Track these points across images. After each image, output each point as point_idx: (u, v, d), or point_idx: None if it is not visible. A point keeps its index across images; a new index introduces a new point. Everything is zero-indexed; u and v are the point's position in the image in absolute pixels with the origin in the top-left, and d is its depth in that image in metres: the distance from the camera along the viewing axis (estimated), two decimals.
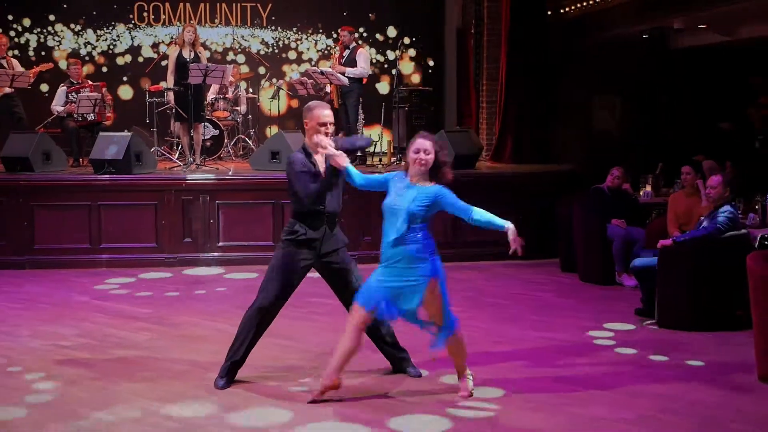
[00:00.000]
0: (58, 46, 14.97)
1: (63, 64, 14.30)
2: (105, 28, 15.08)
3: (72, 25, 14.99)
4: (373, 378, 5.97)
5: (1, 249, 10.10)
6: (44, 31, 14.93)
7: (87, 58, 14.89)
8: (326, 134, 5.73)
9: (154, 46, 15.20)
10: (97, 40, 15.06)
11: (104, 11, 15.02)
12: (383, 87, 15.31)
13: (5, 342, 6.99)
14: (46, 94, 13.69)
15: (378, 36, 15.43)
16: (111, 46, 15.10)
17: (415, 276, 5.27)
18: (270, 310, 5.75)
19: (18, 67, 12.24)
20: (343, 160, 5.57)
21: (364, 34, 15.21)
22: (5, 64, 12.06)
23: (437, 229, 10.26)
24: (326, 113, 5.75)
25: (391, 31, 15.41)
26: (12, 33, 14.62)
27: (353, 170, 5.61)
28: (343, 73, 11.70)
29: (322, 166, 5.77)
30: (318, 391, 5.45)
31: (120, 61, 15.13)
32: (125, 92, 14.96)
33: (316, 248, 5.74)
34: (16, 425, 5.15)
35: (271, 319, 5.78)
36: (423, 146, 5.36)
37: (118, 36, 15.11)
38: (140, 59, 15.15)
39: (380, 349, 6.03)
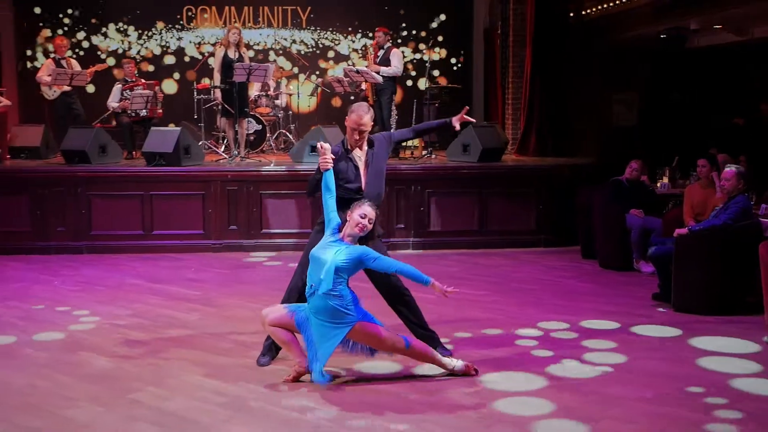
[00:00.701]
0: (107, 46, 15.08)
1: (109, 62, 14.49)
2: (153, 30, 15.16)
3: (121, 26, 15.08)
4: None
5: (61, 235, 10.22)
6: (92, 30, 15.03)
7: (138, 58, 14.98)
8: (356, 140, 5.76)
9: (200, 46, 15.27)
10: (148, 41, 15.14)
11: (153, 14, 15.10)
12: (417, 84, 15.28)
13: (64, 321, 7.08)
14: (95, 93, 13.79)
15: (410, 36, 15.39)
16: (159, 47, 15.18)
17: (338, 326, 5.28)
18: (302, 291, 5.70)
19: (76, 67, 12.35)
20: (325, 165, 5.54)
21: (403, 33, 15.19)
22: (65, 64, 12.18)
23: (465, 218, 10.36)
24: (363, 120, 5.74)
25: (422, 33, 15.38)
26: (59, 31, 14.75)
27: (330, 181, 5.54)
28: (377, 72, 11.68)
29: (360, 161, 5.78)
30: (292, 377, 5.47)
31: (168, 60, 15.21)
32: (174, 90, 15.04)
33: None
34: (76, 398, 5.22)
35: (304, 300, 5.75)
36: (370, 215, 5.37)
37: (166, 37, 15.19)
38: (187, 59, 15.23)
39: (409, 329, 6.02)
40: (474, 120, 6.28)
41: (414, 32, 15.44)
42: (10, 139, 11.92)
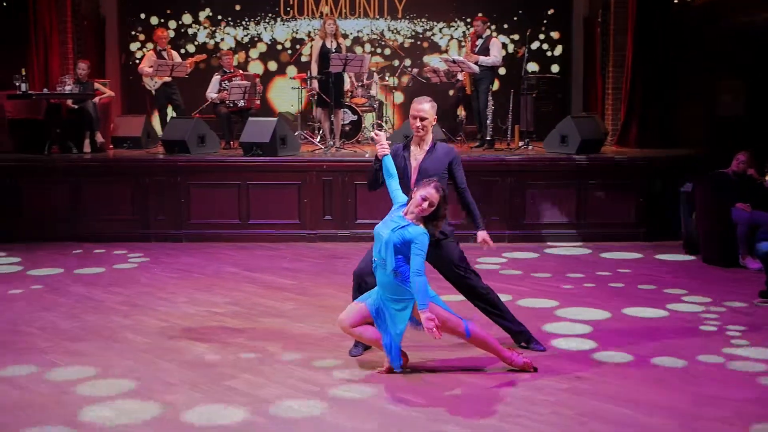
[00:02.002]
0: (206, 37, 15.38)
1: (189, 49, 14.77)
2: (252, 20, 15.38)
3: (220, 17, 15.34)
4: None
5: (161, 223, 10.51)
6: (186, 23, 15.34)
7: (237, 48, 15.23)
8: (417, 128, 5.76)
9: (297, 35, 15.42)
10: (245, 32, 15.38)
11: (252, 5, 15.32)
12: (511, 74, 15.10)
13: (164, 307, 7.29)
14: (192, 84, 14.09)
15: (508, 24, 15.23)
16: (258, 38, 15.40)
17: (401, 307, 5.31)
18: (364, 279, 5.79)
19: (177, 58, 12.67)
20: (383, 151, 5.60)
21: (501, 21, 15.05)
22: (165, 55, 12.50)
23: (563, 210, 10.23)
24: (420, 106, 5.77)
25: (520, 20, 15.18)
26: (141, 14, 15.13)
27: (390, 166, 5.61)
28: (476, 62, 11.60)
29: (413, 159, 5.81)
30: (385, 368, 5.50)
31: (266, 51, 15.41)
32: (272, 81, 15.24)
33: None
34: (173, 383, 5.37)
35: (367, 288, 5.75)
36: (432, 198, 5.29)
37: (264, 28, 15.40)
38: (281, 48, 15.39)
39: (495, 323, 5.97)
40: (492, 246, 6.05)
41: (512, 21, 15.25)
42: (113, 130, 12.35)
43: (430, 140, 5.87)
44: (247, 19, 15.36)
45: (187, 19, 15.24)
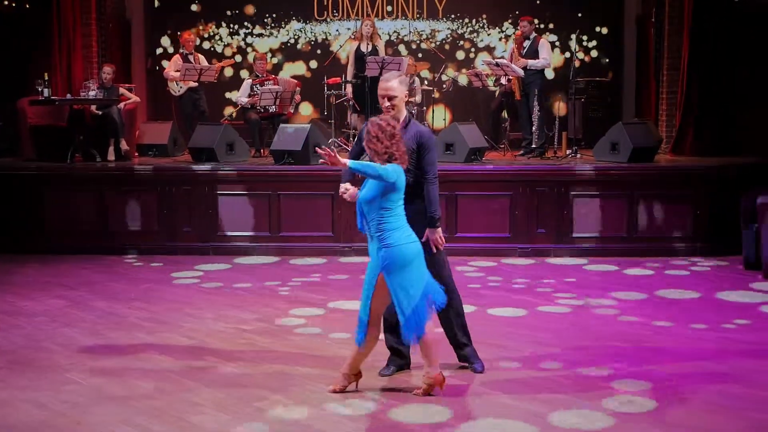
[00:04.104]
0: (228, 40, 15.50)
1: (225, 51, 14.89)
2: (284, 23, 15.45)
3: (253, 19, 15.44)
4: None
5: (188, 235, 10.58)
6: (225, 25, 15.50)
7: (270, 53, 15.33)
8: (385, 108, 5.74)
9: (333, 39, 15.46)
10: (276, 35, 15.47)
11: (284, 6, 15.39)
12: (559, 77, 15.05)
13: (190, 324, 7.35)
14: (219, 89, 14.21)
15: (555, 24, 15.17)
16: (291, 41, 15.47)
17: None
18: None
19: (204, 62, 12.80)
20: (352, 200, 5.78)
21: (546, 21, 15.01)
22: (192, 59, 12.64)
23: (613, 223, 10.14)
24: (387, 85, 5.72)
25: (568, 20, 15.09)
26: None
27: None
28: (525, 66, 11.55)
29: None
30: (422, 390, 5.52)
31: (298, 54, 15.47)
32: (303, 85, 15.31)
33: None
34: (202, 405, 5.42)
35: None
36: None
37: (297, 30, 15.46)
38: (316, 52, 15.44)
39: (444, 327, 6.01)
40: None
41: (560, 21, 15.16)
42: (138, 137, 12.45)
43: (402, 117, 5.79)
44: (275, 21, 15.42)
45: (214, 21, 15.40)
